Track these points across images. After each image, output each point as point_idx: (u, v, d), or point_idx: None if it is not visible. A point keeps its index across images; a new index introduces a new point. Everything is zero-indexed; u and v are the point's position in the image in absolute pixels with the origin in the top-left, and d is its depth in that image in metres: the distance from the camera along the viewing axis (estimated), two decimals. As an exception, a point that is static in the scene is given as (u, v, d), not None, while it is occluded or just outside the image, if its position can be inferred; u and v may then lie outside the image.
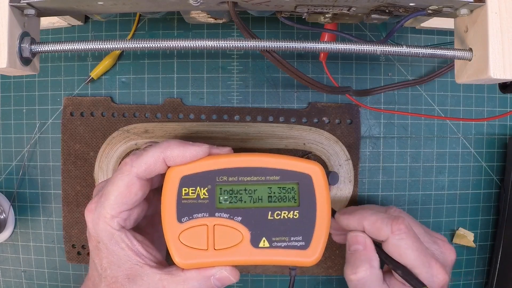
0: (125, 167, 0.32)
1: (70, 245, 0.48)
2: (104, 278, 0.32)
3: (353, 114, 0.48)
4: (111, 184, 0.32)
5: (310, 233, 0.32)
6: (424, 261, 0.35)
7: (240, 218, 0.32)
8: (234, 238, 0.32)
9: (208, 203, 0.32)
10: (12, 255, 0.49)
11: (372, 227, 0.37)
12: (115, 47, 0.30)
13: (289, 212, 0.32)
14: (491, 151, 0.50)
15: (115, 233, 0.32)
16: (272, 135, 0.47)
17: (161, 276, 0.31)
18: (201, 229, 0.32)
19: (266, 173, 0.33)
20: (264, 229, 0.32)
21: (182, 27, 0.48)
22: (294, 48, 0.30)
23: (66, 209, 0.48)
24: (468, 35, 0.31)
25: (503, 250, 0.48)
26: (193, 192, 0.32)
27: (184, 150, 0.32)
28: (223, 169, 0.32)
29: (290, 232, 0.32)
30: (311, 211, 0.32)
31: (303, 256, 0.32)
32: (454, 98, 0.49)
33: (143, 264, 0.32)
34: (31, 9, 0.30)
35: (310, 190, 0.32)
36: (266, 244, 0.32)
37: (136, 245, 0.32)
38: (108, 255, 0.32)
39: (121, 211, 0.32)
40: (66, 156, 0.48)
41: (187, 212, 0.32)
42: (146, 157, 0.32)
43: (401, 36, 0.49)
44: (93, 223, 0.32)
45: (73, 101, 0.48)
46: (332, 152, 0.47)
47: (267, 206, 0.32)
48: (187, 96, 0.48)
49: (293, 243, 0.32)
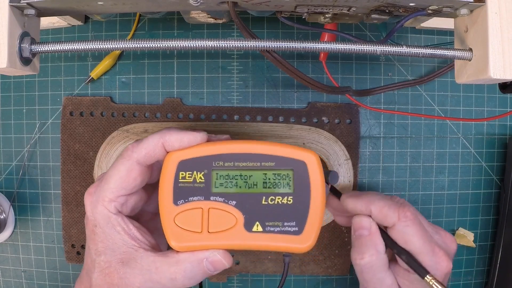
0: (126, 153, 0.33)
1: (70, 245, 0.48)
2: (98, 264, 0.32)
3: (352, 113, 0.48)
4: (112, 169, 0.33)
5: (303, 218, 0.32)
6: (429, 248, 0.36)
7: (234, 202, 0.33)
8: (228, 221, 0.32)
9: (204, 187, 0.32)
10: (12, 255, 0.49)
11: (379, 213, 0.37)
12: (115, 47, 0.30)
13: (283, 198, 0.33)
14: (491, 151, 0.49)
15: (111, 216, 0.32)
16: (271, 134, 0.47)
17: (155, 258, 0.32)
18: (196, 212, 0.32)
19: (261, 159, 0.33)
20: (258, 213, 0.32)
21: (182, 27, 0.48)
22: (294, 48, 0.30)
23: (65, 209, 0.48)
24: (468, 35, 0.31)
25: (503, 250, 0.48)
26: (190, 176, 0.33)
27: (182, 135, 0.33)
28: (219, 155, 0.33)
29: (284, 217, 0.32)
30: (305, 198, 0.32)
31: (296, 242, 0.32)
32: (454, 98, 0.49)
33: (138, 248, 0.32)
34: (31, 9, 0.30)
35: (305, 177, 0.33)
36: (260, 229, 0.32)
37: (132, 229, 0.33)
38: (103, 239, 0.33)
39: (119, 195, 0.33)
40: (65, 156, 0.48)
41: (183, 195, 0.32)
42: (146, 143, 0.33)
43: (401, 36, 0.49)
44: (91, 206, 0.33)
45: (73, 101, 0.48)
46: (331, 151, 0.47)
47: (262, 191, 0.33)
48: (187, 96, 0.48)
49: (286, 228, 0.32)
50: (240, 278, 0.49)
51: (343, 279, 0.49)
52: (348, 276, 0.49)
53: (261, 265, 0.48)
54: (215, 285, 0.49)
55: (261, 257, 0.48)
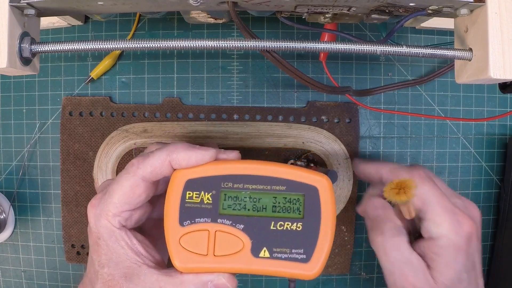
0: (131, 168, 0.32)
1: (70, 245, 0.48)
2: (101, 275, 0.32)
3: (352, 112, 0.48)
4: (116, 183, 0.32)
5: (312, 246, 0.31)
6: (448, 207, 0.35)
7: (242, 226, 0.32)
8: (234, 245, 0.32)
9: (211, 209, 0.32)
10: (12, 255, 0.49)
11: (390, 174, 0.36)
12: (115, 47, 0.30)
13: (292, 224, 0.32)
14: (491, 151, 0.50)
15: (115, 230, 0.32)
16: (271, 134, 0.47)
17: (159, 276, 0.31)
18: (202, 234, 0.32)
19: (272, 182, 0.32)
20: (266, 239, 0.32)
21: (182, 27, 0.48)
22: (294, 48, 0.30)
23: (65, 209, 0.48)
24: (468, 35, 0.31)
25: (503, 250, 0.48)
26: (197, 196, 0.32)
27: (190, 154, 0.32)
28: (228, 175, 0.32)
29: (292, 244, 0.31)
30: (315, 224, 0.32)
31: (303, 269, 0.31)
32: (454, 98, 0.49)
33: (141, 264, 0.32)
34: (31, 9, 0.30)
35: (316, 203, 0.32)
36: (267, 254, 0.31)
37: (135, 244, 0.32)
38: (107, 251, 0.32)
39: (123, 210, 0.32)
40: (65, 156, 0.48)
41: (189, 216, 0.32)
42: (152, 159, 0.32)
43: (401, 36, 0.49)
44: (95, 218, 0.32)
45: (72, 101, 0.48)
46: (331, 150, 0.47)
47: (271, 215, 0.32)
48: (187, 96, 0.48)
49: (294, 255, 0.31)
50: (240, 278, 0.49)
51: (343, 278, 0.49)
52: (348, 275, 0.49)
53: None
54: (215, 285, 0.49)
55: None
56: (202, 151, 0.32)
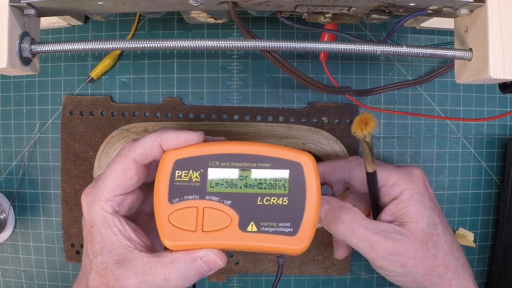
0: (123, 151, 0.33)
1: (69, 244, 0.48)
2: (95, 265, 0.33)
3: (352, 114, 0.48)
4: (109, 168, 0.33)
5: (298, 220, 0.32)
6: (393, 168, 0.38)
7: (229, 202, 0.33)
8: (222, 221, 0.32)
9: (200, 186, 0.33)
10: (12, 255, 0.49)
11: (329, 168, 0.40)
12: (115, 47, 0.30)
13: (278, 199, 0.33)
14: (491, 151, 0.49)
15: (108, 216, 0.32)
16: (271, 134, 0.47)
17: (149, 258, 0.32)
18: (191, 210, 0.32)
19: (258, 160, 0.33)
20: (253, 213, 0.32)
21: (182, 27, 0.48)
22: (294, 48, 0.30)
23: (65, 208, 0.48)
24: (468, 35, 0.31)
25: (503, 250, 0.48)
26: (186, 175, 0.33)
27: (178, 134, 0.33)
28: (215, 155, 0.33)
29: (279, 218, 0.32)
30: (300, 199, 0.32)
31: (290, 243, 0.32)
32: (454, 98, 0.49)
33: (133, 249, 0.33)
34: (31, 9, 0.30)
35: (300, 178, 0.33)
36: (254, 229, 0.32)
37: (128, 230, 0.33)
38: (100, 240, 0.33)
39: (115, 194, 0.33)
40: (65, 155, 0.48)
41: (178, 193, 0.32)
42: (143, 141, 0.33)
43: (401, 36, 0.49)
44: (88, 206, 0.33)
45: (73, 100, 0.48)
46: (331, 152, 0.47)
47: (257, 192, 0.33)
48: (187, 96, 0.48)
49: (281, 229, 0.32)
50: (239, 278, 0.49)
51: (343, 278, 0.49)
52: (348, 276, 0.49)
53: (260, 265, 0.48)
54: (215, 285, 0.49)
55: (261, 257, 0.48)
56: (191, 131, 0.33)
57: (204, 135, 0.34)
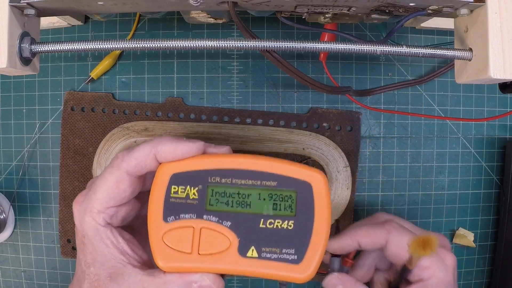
0: (115, 161, 0.31)
1: (65, 240, 0.48)
2: (88, 276, 0.31)
3: (353, 121, 0.48)
4: (100, 178, 0.31)
5: (304, 246, 0.29)
6: None
7: (229, 223, 0.30)
8: (220, 244, 0.30)
9: (197, 204, 0.30)
10: (12, 255, 0.49)
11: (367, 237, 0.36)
12: (115, 47, 0.30)
13: (283, 222, 0.30)
14: (491, 151, 0.49)
15: (100, 228, 0.31)
16: (271, 138, 0.47)
17: (143, 277, 0.30)
18: (187, 231, 0.30)
19: (262, 177, 0.30)
20: (254, 237, 0.30)
21: (182, 27, 0.48)
22: (294, 48, 0.30)
23: (63, 204, 0.48)
24: (468, 35, 0.31)
25: (504, 250, 0.48)
26: (183, 191, 0.30)
27: (175, 146, 0.30)
28: (216, 170, 0.30)
29: (283, 244, 0.29)
30: (308, 223, 0.29)
31: (294, 271, 0.29)
32: (454, 98, 0.49)
33: (126, 263, 0.31)
34: (31, 9, 0.30)
35: (309, 200, 0.30)
36: (255, 254, 0.29)
37: (121, 243, 0.31)
38: (92, 251, 0.31)
39: (108, 206, 0.31)
40: (65, 151, 0.48)
41: (174, 211, 0.30)
42: (137, 152, 0.31)
43: (401, 36, 0.49)
44: (79, 216, 0.31)
45: (74, 96, 0.48)
46: (331, 158, 0.47)
47: (260, 213, 0.30)
48: (187, 96, 0.48)
49: (284, 256, 0.29)
50: (240, 278, 0.49)
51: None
52: (348, 276, 0.49)
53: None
54: (215, 285, 0.49)
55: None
56: (189, 143, 0.31)
57: (204, 145, 0.31)
